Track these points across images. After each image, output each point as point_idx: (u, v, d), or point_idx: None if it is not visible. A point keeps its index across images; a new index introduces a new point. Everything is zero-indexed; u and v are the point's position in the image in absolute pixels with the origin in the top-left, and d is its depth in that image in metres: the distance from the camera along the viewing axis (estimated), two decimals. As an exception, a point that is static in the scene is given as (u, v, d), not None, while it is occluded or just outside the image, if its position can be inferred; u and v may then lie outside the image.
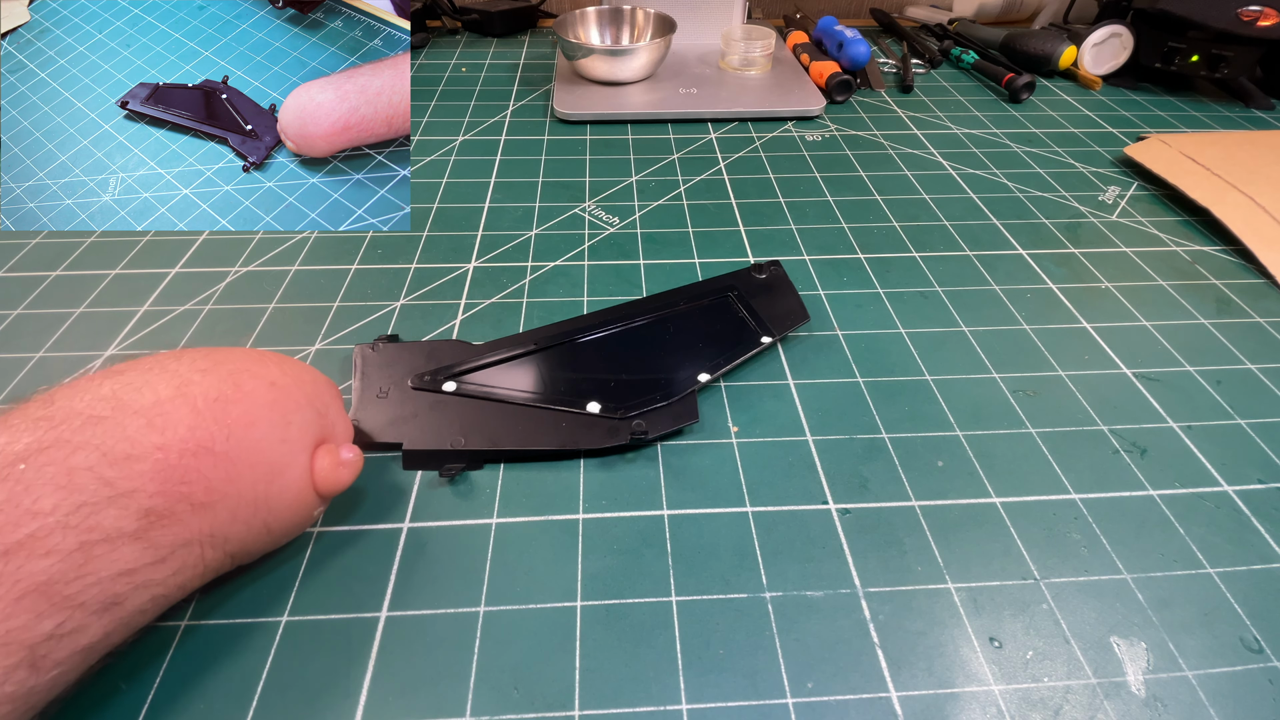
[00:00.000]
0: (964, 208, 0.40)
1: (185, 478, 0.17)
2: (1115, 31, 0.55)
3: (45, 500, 0.15)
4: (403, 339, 0.30)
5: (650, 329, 0.30)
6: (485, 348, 0.29)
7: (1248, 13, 0.48)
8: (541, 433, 0.25)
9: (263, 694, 0.19)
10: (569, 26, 0.55)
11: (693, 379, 0.27)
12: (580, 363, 0.28)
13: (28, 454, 0.15)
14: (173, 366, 0.19)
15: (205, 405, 0.18)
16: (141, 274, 0.34)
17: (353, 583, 0.21)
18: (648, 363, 0.28)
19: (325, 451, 0.21)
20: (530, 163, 0.44)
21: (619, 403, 0.26)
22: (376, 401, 0.27)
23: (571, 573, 0.22)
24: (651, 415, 0.26)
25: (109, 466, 0.16)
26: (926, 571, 0.22)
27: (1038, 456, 0.25)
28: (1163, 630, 0.20)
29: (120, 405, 0.17)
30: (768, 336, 0.29)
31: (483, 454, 0.25)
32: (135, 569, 0.16)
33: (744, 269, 0.33)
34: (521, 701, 0.19)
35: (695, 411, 0.26)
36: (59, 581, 0.15)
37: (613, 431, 0.25)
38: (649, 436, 0.25)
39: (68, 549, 0.15)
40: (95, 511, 0.16)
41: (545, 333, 0.30)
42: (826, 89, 0.53)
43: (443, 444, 0.25)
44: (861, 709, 0.19)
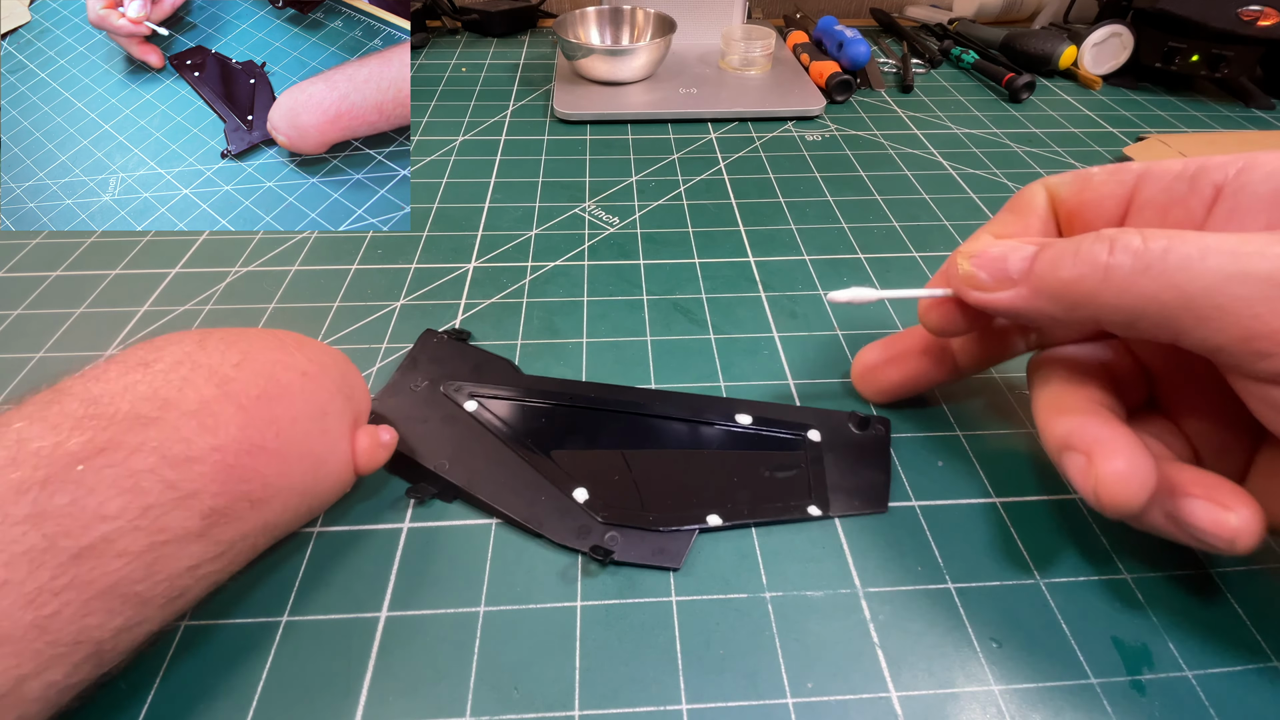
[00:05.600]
0: (964, 208, 0.40)
1: (244, 477, 0.18)
2: (1115, 31, 0.55)
3: (112, 504, 0.15)
4: (448, 338, 0.29)
5: (691, 434, 0.25)
6: (528, 380, 0.27)
7: (1248, 12, 0.48)
8: (516, 496, 0.23)
9: (263, 694, 0.19)
10: (569, 26, 0.55)
11: (700, 517, 0.23)
12: (597, 436, 0.25)
13: (84, 455, 0.15)
14: (204, 360, 0.19)
15: (250, 404, 0.18)
16: (141, 274, 0.34)
17: (353, 583, 0.21)
18: (665, 472, 0.24)
19: (365, 433, 0.22)
20: (530, 163, 0.44)
21: (608, 503, 0.23)
22: (408, 392, 0.26)
23: (571, 573, 0.22)
24: (632, 535, 0.22)
25: (170, 469, 0.16)
26: (926, 571, 0.22)
27: (1038, 456, 0.25)
28: (1163, 630, 0.20)
29: (167, 405, 0.17)
30: (818, 508, 0.23)
31: (456, 490, 0.23)
32: (199, 564, 0.17)
33: (839, 412, 0.26)
34: (521, 701, 0.19)
35: (680, 558, 0.22)
36: (130, 581, 0.16)
37: (580, 533, 0.22)
38: (611, 559, 0.21)
39: (138, 550, 0.16)
40: (163, 514, 0.16)
41: (585, 391, 0.27)
42: (826, 89, 0.53)
43: (427, 462, 0.24)
44: (861, 709, 0.19)
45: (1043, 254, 0.18)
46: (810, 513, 0.23)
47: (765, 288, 0.33)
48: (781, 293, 0.33)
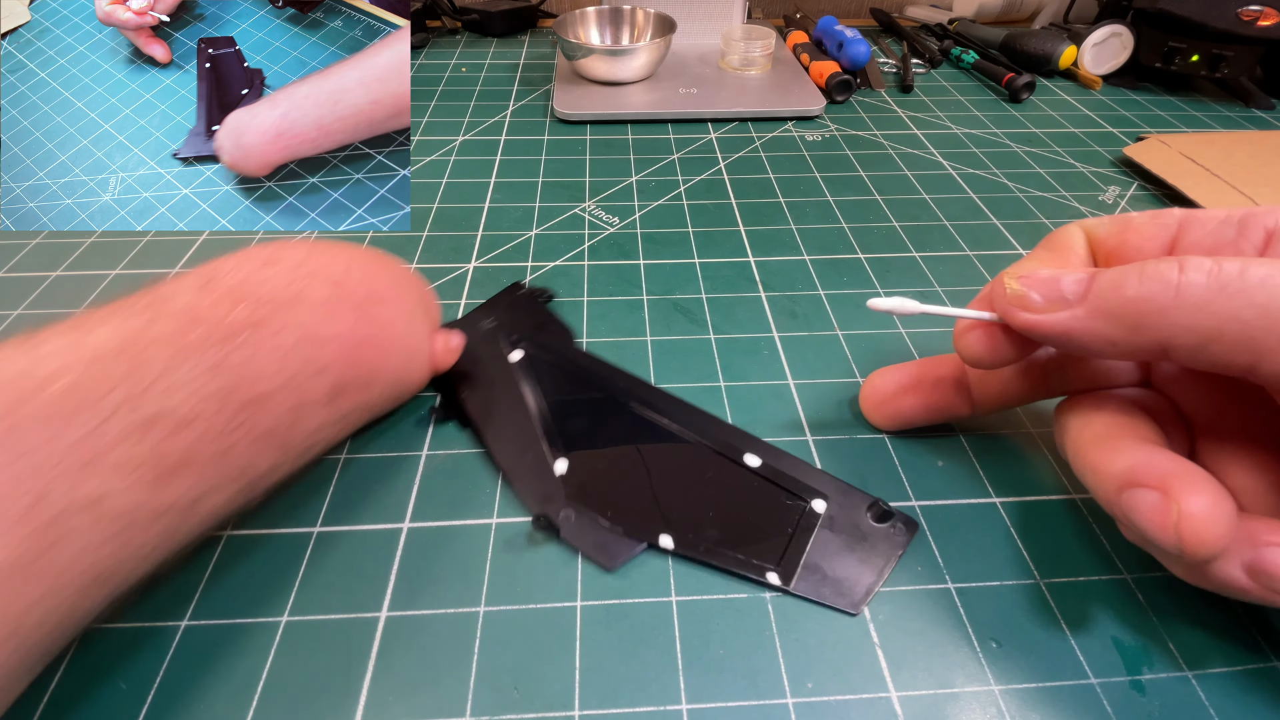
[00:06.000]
0: (964, 208, 0.40)
1: (357, 361, 0.22)
2: (1115, 31, 0.55)
3: (270, 366, 0.19)
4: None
5: (693, 453, 0.25)
6: (573, 353, 0.29)
7: (1248, 12, 0.48)
8: (508, 445, 0.25)
9: (263, 694, 0.19)
10: (569, 26, 0.55)
11: (655, 535, 0.22)
12: (606, 421, 0.26)
13: (247, 325, 0.19)
14: (319, 264, 0.22)
15: (359, 303, 0.22)
16: (142, 274, 0.34)
17: (353, 583, 0.21)
18: (646, 478, 0.24)
19: (440, 336, 0.26)
20: (530, 163, 0.44)
21: (582, 484, 0.23)
22: (474, 327, 0.29)
23: (571, 573, 0.22)
24: (585, 522, 0.22)
25: (307, 346, 0.20)
26: (926, 571, 0.22)
27: (1038, 456, 0.25)
28: (1163, 630, 0.20)
29: (299, 296, 0.20)
30: (779, 579, 0.21)
31: (468, 420, 0.26)
32: (322, 426, 0.21)
33: (860, 493, 0.23)
34: (521, 701, 0.19)
35: (616, 561, 0.21)
36: (280, 430, 0.19)
37: (543, 500, 0.23)
38: (555, 534, 0.22)
39: (286, 407, 0.19)
40: (304, 381, 0.20)
41: (616, 381, 0.27)
42: (826, 89, 0.53)
43: (461, 389, 0.27)
44: (861, 709, 0.19)
45: (1102, 275, 0.17)
46: (769, 579, 0.21)
47: (765, 288, 0.33)
48: (781, 293, 0.33)
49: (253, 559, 0.22)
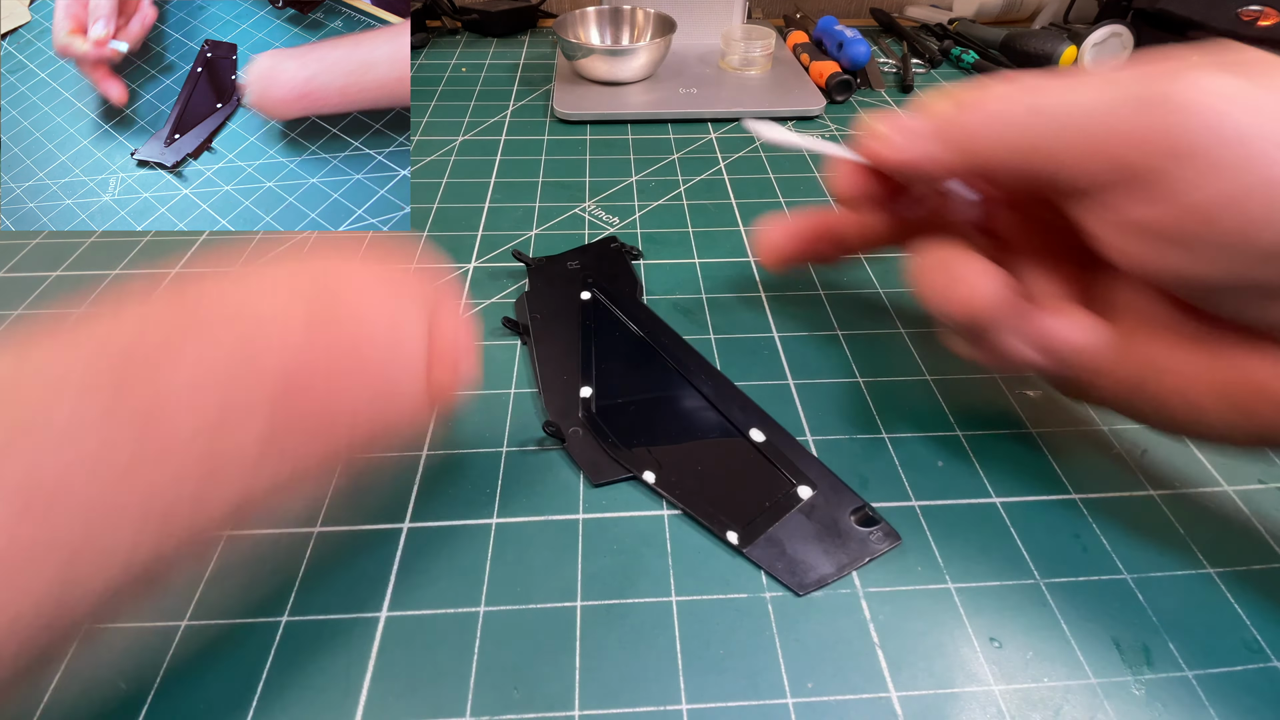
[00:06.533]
0: (964, 208, 0.40)
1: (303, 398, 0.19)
2: (1115, 31, 0.55)
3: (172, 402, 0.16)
4: None
5: (705, 410, 0.26)
6: (630, 305, 0.31)
7: (1248, 13, 0.48)
8: (552, 364, 0.28)
9: (263, 694, 0.19)
10: (569, 26, 0.55)
11: (642, 469, 0.24)
12: (639, 366, 0.28)
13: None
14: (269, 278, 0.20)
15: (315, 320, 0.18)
16: (142, 274, 0.34)
17: (353, 583, 0.21)
18: (654, 418, 0.26)
19: (444, 360, 0.20)
20: (530, 163, 0.44)
21: (600, 411, 0.26)
22: (564, 264, 0.33)
23: (571, 573, 0.22)
24: (589, 443, 0.25)
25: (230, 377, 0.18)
26: (926, 572, 0.22)
27: (1038, 456, 0.25)
28: (1163, 630, 0.20)
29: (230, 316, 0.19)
30: (737, 538, 0.22)
31: (528, 334, 0.29)
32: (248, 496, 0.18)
33: (851, 492, 0.24)
34: (521, 701, 0.19)
35: (599, 477, 0.24)
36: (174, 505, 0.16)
37: (562, 414, 0.26)
38: (560, 442, 0.25)
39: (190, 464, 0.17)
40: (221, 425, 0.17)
41: (660, 336, 0.30)
42: (826, 89, 0.53)
43: (534, 308, 0.31)
44: (861, 709, 0.19)
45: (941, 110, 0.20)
46: (728, 537, 0.22)
47: (765, 288, 0.33)
48: (781, 293, 0.33)
49: (252, 559, 0.22)
